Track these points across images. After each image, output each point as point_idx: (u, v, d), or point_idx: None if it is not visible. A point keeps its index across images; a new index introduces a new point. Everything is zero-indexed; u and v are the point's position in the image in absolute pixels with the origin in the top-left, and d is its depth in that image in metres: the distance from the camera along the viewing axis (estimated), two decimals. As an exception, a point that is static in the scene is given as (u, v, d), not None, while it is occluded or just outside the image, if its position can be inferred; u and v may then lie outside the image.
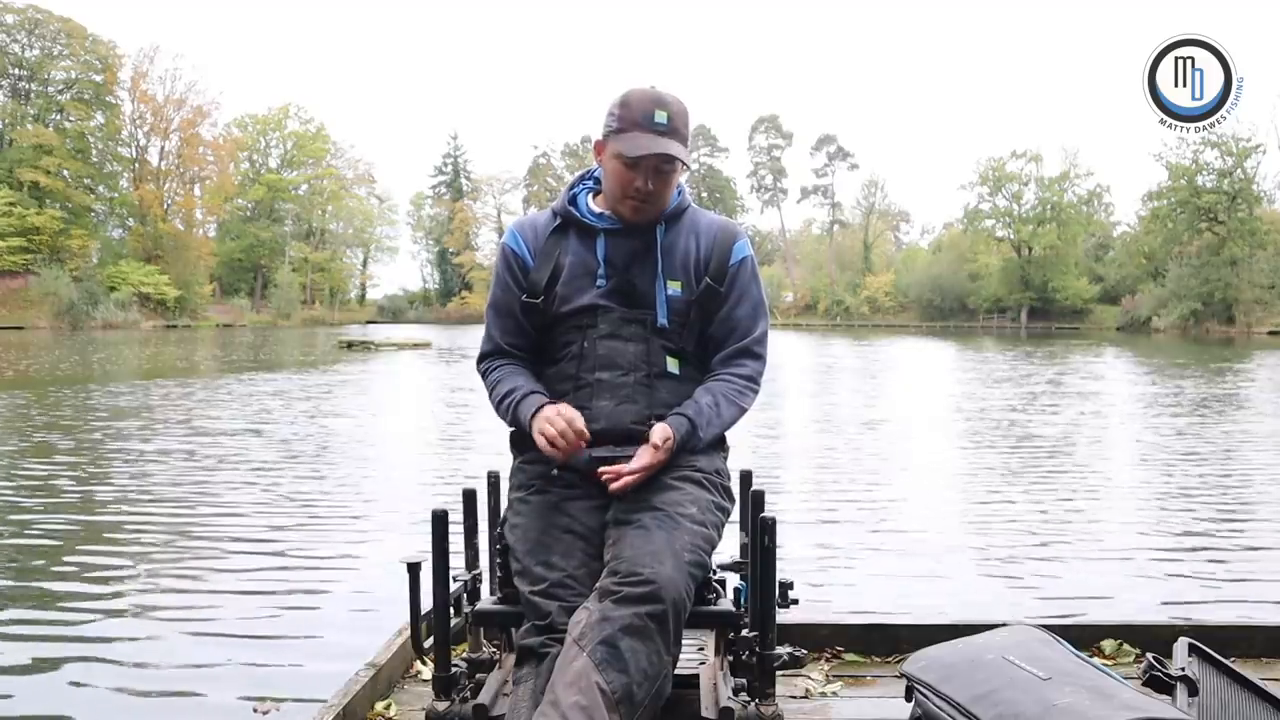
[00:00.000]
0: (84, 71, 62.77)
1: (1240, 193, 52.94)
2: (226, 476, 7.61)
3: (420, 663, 2.77)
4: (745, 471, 2.31)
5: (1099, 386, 17.74)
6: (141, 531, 5.79)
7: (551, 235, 2.05)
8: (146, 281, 58.41)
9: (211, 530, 5.82)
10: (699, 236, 2.05)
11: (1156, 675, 1.98)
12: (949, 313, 66.12)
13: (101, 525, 5.99)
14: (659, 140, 1.91)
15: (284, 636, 3.93)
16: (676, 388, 2.00)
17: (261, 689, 3.27)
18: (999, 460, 8.73)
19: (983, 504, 6.75)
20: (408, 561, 1.90)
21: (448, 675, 1.91)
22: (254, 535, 5.67)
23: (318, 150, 78.92)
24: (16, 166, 57.14)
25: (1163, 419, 12.13)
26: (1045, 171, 66.43)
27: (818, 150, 79.97)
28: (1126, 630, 2.96)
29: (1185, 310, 51.41)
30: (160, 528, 5.87)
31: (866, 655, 2.90)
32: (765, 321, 2.09)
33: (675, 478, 1.91)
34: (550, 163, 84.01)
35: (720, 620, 2.00)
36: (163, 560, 5.19)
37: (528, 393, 1.99)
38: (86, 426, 10.76)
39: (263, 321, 65.85)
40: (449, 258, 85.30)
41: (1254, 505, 6.73)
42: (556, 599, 1.81)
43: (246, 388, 16.49)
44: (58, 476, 7.58)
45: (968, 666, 2.00)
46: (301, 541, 5.57)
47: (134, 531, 5.80)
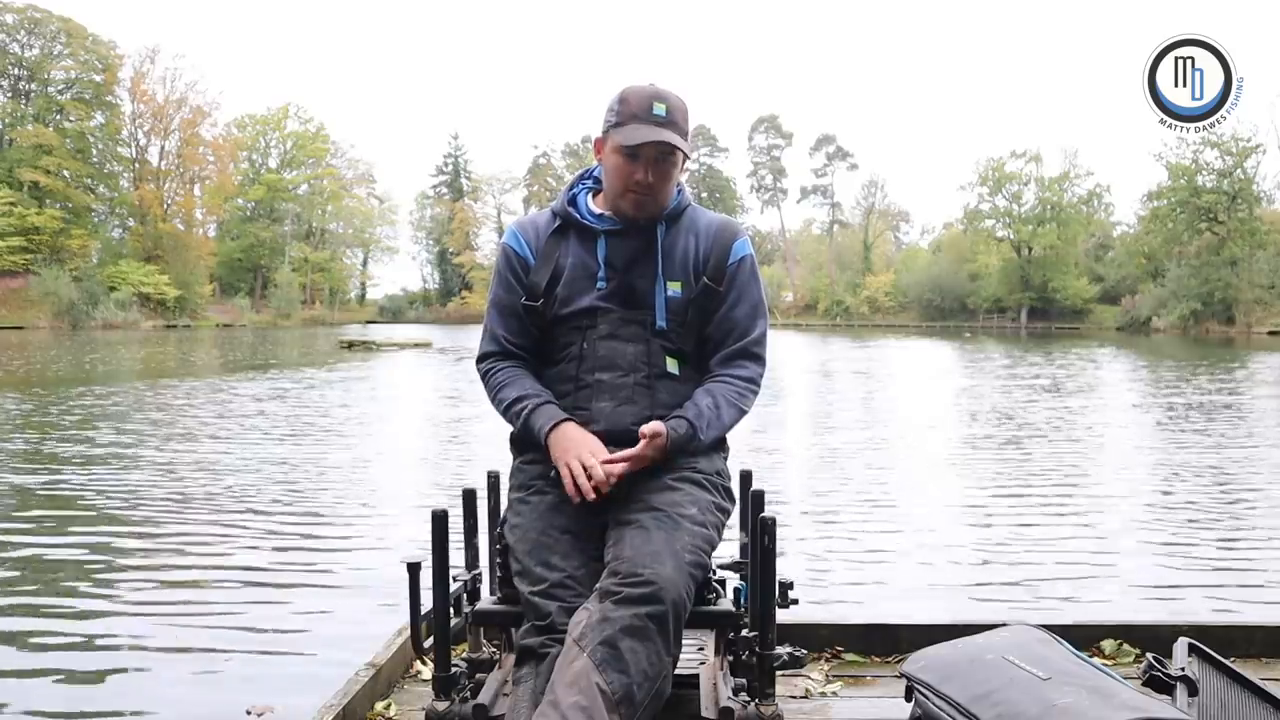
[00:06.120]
0: (84, 71, 62.73)
1: (1240, 193, 52.92)
2: (226, 476, 7.61)
3: (420, 663, 2.78)
4: (745, 471, 2.31)
5: (1098, 386, 17.75)
6: (141, 531, 5.79)
7: (552, 236, 2.05)
8: (146, 281, 58.40)
9: (211, 529, 5.82)
10: (699, 236, 2.04)
11: (1156, 675, 1.97)
12: (949, 313, 66.10)
13: (100, 525, 5.99)
14: (658, 130, 1.92)
15: (284, 636, 3.94)
16: (676, 388, 2.00)
17: (261, 688, 3.27)
18: (999, 460, 8.73)
19: (983, 504, 6.75)
20: (408, 562, 1.90)
21: (448, 675, 1.91)
22: (253, 535, 5.68)
23: (317, 150, 78.89)
24: (16, 166, 57.13)
25: (1163, 419, 12.13)
26: (1045, 171, 66.48)
27: (817, 150, 79.96)
28: (1126, 630, 2.96)
29: (1185, 310, 51.38)
30: (160, 527, 5.87)
31: (866, 655, 2.90)
32: (764, 322, 2.07)
33: (675, 478, 1.91)
34: (550, 163, 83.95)
35: (720, 620, 2.00)
36: (162, 560, 5.19)
37: (541, 403, 1.98)
38: (85, 427, 10.76)
39: (263, 321, 65.83)
40: (449, 258, 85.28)
41: (1254, 505, 6.73)
42: (556, 599, 1.81)
43: (246, 388, 16.49)
44: (55, 477, 7.58)
45: (968, 666, 2.00)
46: (301, 541, 5.58)
47: (133, 531, 5.80)
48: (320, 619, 4.15)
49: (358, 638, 3.46)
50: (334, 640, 3.79)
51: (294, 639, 3.91)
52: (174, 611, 4.28)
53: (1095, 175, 74.05)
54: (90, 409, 12.64)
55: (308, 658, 3.66)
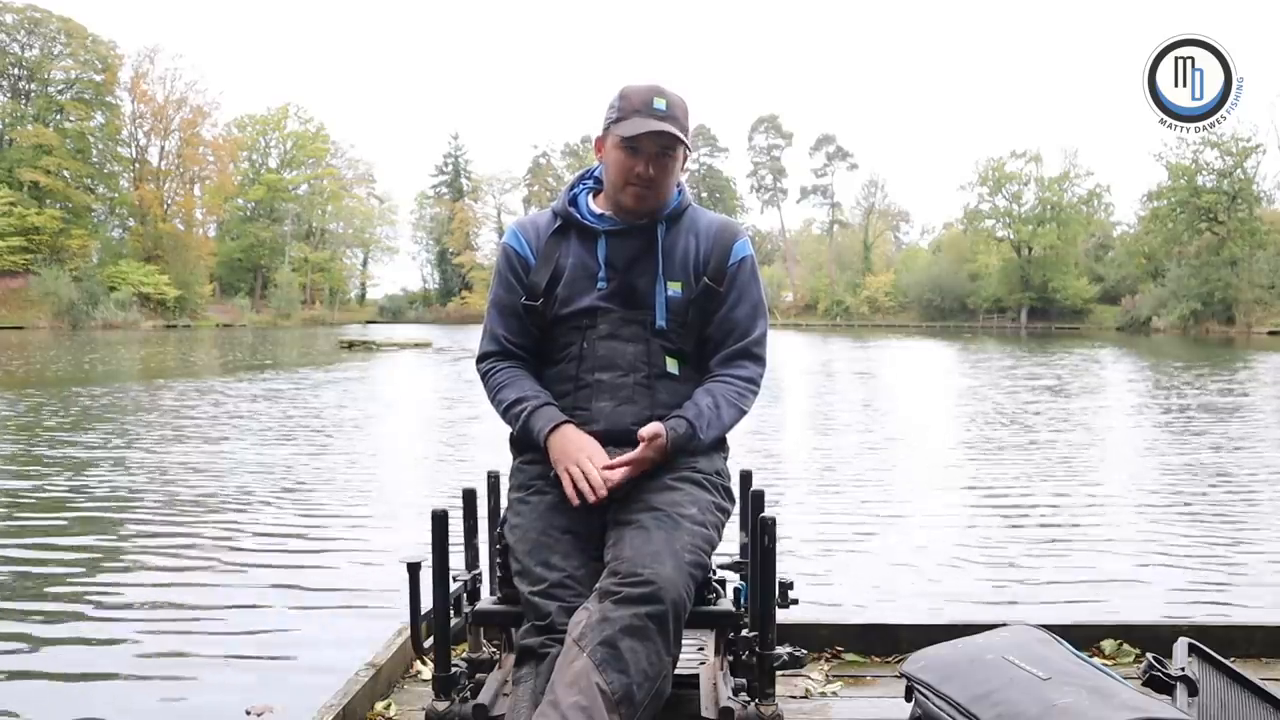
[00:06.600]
0: (84, 71, 62.74)
1: (1240, 193, 52.91)
2: (225, 476, 7.61)
3: (420, 663, 2.78)
4: (745, 471, 2.31)
5: (1099, 387, 17.75)
6: (140, 531, 5.79)
7: (552, 236, 2.05)
8: (146, 281, 58.41)
9: (211, 529, 5.82)
10: (699, 236, 2.04)
11: (1156, 675, 1.97)
12: (949, 313, 66.10)
13: (99, 525, 5.99)
14: (659, 123, 1.92)
15: (284, 636, 3.93)
16: (676, 388, 2.00)
17: (262, 688, 3.28)
18: (999, 460, 8.73)
19: (983, 504, 6.75)
20: (407, 561, 1.90)
21: (448, 675, 1.91)
22: (253, 535, 5.68)
23: (317, 150, 78.90)
24: (16, 166, 57.14)
25: (1163, 419, 12.13)
26: (1045, 171, 66.48)
27: (817, 150, 79.97)
28: (1126, 630, 2.96)
29: (1185, 310, 51.38)
30: (159, 527, 5.87)
31: (866, 655, 2.90)
32: (764, 322, 2.07)
33: (675, 478, 1.91)
34: (550, 163, 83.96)
35: (720, 620, 2.00)
36: (162, 560, 5.19)
37: (540, 404, 1.98)
38: (84, 427, 10.77)
39: (263, 321, 65.84)
40: (449, 258, 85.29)
41: (1254, 505, 6.73)
42: (556, 599, 1.81)
43: (246, 387, 16.50)
44: (53, 477, 7.58)
45: (968, 666, 2.00)
46: (301, 541, 5.58)
47: (132, 531, 5.80)
48: (320, 619, 4.15)
49: (358, 638, 3.46)
50: (334, 640, 3.80)
51: (294, 639, 3.91)
52: (174, 612, 4.28)
53: (1095, 175, 74.25)
54: (89, 410, 12.64)
55: (308, 658, 3.66)
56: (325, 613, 4.23)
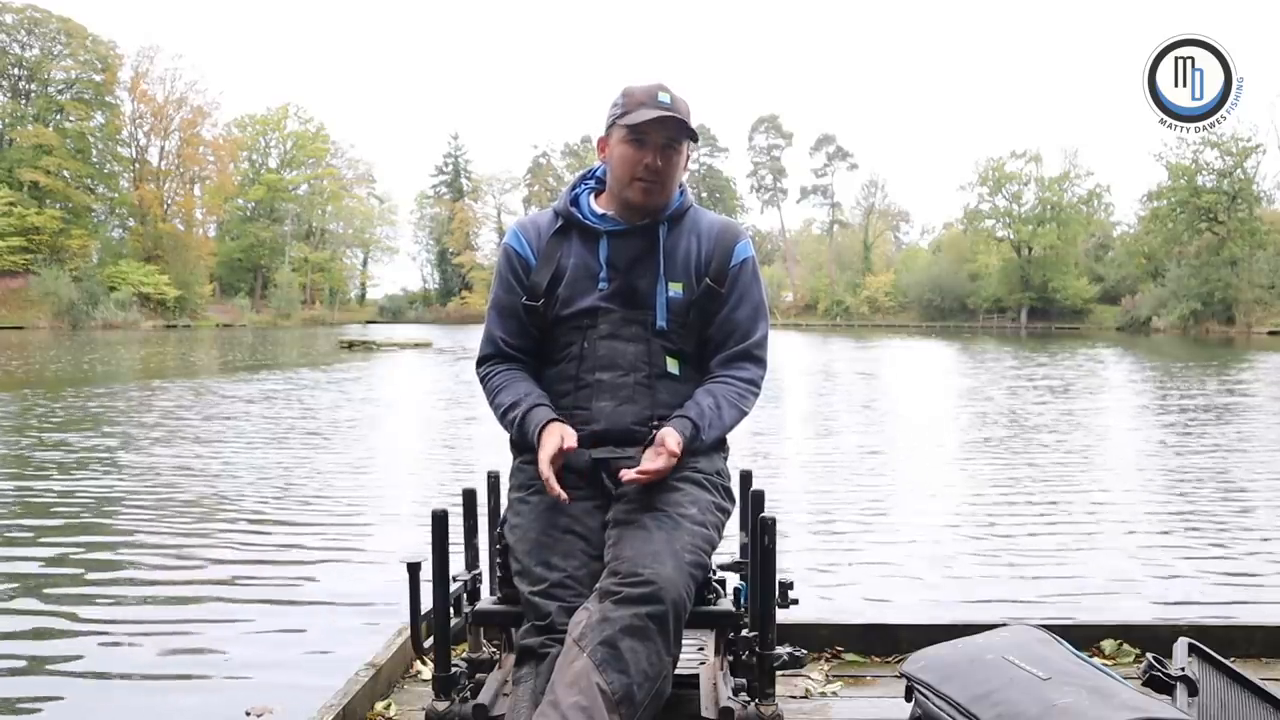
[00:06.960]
0: (84, 71, 62.74)
1: (1240, 193, 52.90)
2: (225, 476, 7.61)
3: (420, 663, 2.78)
4: (745, 471, 2.31)
5: (1099, 387, 17.75)
6: (140, 531, 5.79)
7: (554, 236, 2.05)
8: (146, 281, 58.41)
9: (210, 529, 5.82)
10: (700, 237, 2.04)
11: (1156, 675, 1.98)
12: (949, 313, 66.09)
13: (98, 525, 5.99)
14: (666, 112, 1.93)
15: (284, 636, 3.93)
16: (677, 388, 2.00)
17: (261, 688, 3.27)
18: (998, 460, 8.73)
19: (983, 504, 6.75)
20: (408, 561, 1.91)
21: (448, 675, 1.91)
22: (253, 535, 5.68)
23: (317, 150, 78.91)
24: (16, 166, 57.13)
25: (1163, 419, 12.13)
26: (1045, 171, 66.49)
27: (817, 150, 79.98)
28: (1126, 630, 2.97)
29: (1185, 310, 51.37)
30: (159, 527, 5.87)
31: (866, 655, 2.90)
32: (765, 324, 2.07)
33: (676, 478, 1.91)
34: (550, 163, 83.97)
35: (720, 620, 2.00)
36: (161, 560, 5.19)
37: (531, 407, 1.97)
38: (83, 428, 10.76)
39: (263, 321, 65.84)
40: (449, 258, 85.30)
41: (1254, 505, 6.73)
42: (556, 599, 1.81)
43: (246, 388, 16.50)
44: (52, 478, 7.58)
45: (968, 666, 2.00)
46: (301, 541, 5.57)
47: (132, 531, 5.80)
48: (320, 619, 4.15)
49: (358, 638, 3.46)
50: (334, 640, 3.80)
51: (294, 639, 3.90)
52: (174, 612, 4.27)
53: (1095, 175, 74.28)
54: (89, 410, 12.64)
55: (307, 658, 3.66)
56: (325, 613, 4.22)
